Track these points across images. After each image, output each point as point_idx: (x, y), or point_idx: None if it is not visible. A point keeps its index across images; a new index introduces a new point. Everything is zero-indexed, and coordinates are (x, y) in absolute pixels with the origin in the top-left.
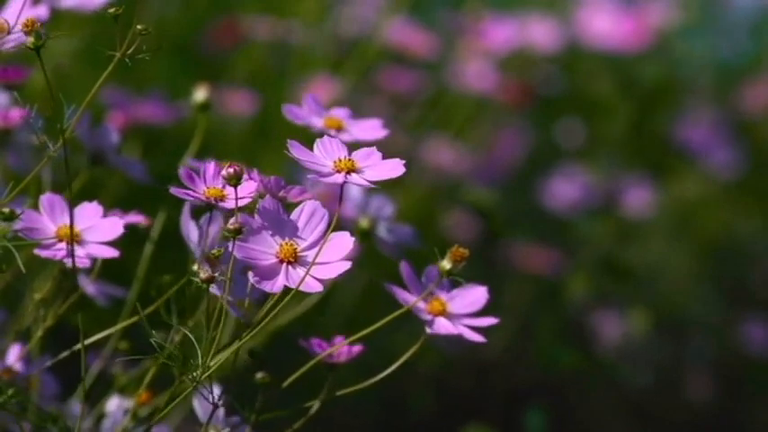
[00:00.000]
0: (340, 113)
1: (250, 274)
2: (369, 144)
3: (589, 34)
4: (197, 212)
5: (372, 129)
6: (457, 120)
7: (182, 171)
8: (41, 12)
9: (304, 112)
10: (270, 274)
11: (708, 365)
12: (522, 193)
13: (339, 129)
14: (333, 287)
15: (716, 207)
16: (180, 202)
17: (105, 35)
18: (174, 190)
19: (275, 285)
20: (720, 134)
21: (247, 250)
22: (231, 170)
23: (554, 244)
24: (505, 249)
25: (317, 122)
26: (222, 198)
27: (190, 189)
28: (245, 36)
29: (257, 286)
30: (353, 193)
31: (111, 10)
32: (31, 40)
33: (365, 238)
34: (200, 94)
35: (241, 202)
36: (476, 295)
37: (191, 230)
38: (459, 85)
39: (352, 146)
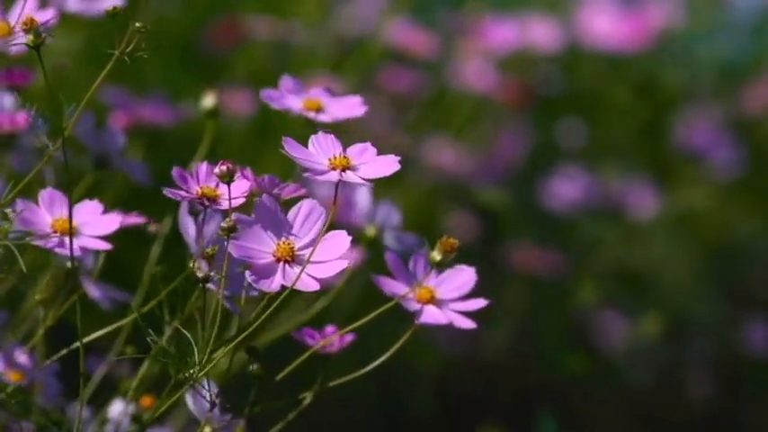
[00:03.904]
0: (319, 92)
1: (247, 273)
2: (348, 122)
3: (590, 34)
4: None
5: (352, 106)
6: (457, 120)
7: (174, 172)
8: (48, 15)
9: (279, 95)
10: (267, 272)
11: (708, 365)
12: (522, 193)
13: (318, 110)
14: (337, 292)
15: (717, 207)
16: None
17: (106, 35)
18: (167, 191)
19: (272, 284)
20: (722, 134)
21: (244, 249)
22: (224, 167)
23: (555, 245)
24: (506, 250)
25: (295, 105)
26: (216, 197)
27: (183, 189)
28: (246, 36)
29: (254, 285)
30: (361, 201)
31: (110, 9)
32: (30, 38)
33: (372, 246)
34: (209, 100)
35: (235, 202)
36: (464, 277)
37: (188, 226)
38: (460, 85)
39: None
